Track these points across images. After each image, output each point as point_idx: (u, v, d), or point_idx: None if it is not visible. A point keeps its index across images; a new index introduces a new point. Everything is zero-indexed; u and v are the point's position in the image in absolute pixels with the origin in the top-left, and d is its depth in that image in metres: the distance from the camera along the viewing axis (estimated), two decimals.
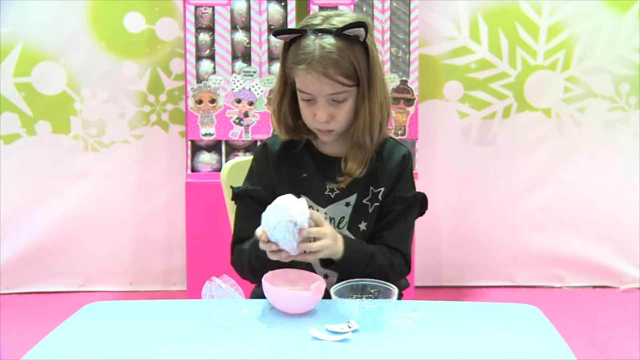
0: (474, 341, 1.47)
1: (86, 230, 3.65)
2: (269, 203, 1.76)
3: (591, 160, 3.68)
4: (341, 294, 1.57)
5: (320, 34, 1.69)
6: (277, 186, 1.81)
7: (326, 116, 1.72)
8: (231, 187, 1.87)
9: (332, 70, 1.67)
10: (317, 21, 1.73)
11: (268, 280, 1.62)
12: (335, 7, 3.28)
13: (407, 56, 3.32)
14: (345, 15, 1.75)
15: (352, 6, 3.28)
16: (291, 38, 1.73)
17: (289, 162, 1.83)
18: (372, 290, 1.60)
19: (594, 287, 3.76)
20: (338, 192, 1.80)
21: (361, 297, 1.59)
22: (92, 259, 3.68)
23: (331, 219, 1.80)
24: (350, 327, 1.49)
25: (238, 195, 1.85)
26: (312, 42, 1.69)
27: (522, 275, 3.76)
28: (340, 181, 1.79)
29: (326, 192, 1.81)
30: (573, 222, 3.72)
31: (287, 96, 1.79)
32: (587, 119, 3.66)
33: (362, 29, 1.68)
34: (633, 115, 3.65)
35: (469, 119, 3.65)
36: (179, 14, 3.46)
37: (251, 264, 1.73)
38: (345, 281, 1.62)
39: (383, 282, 1.60)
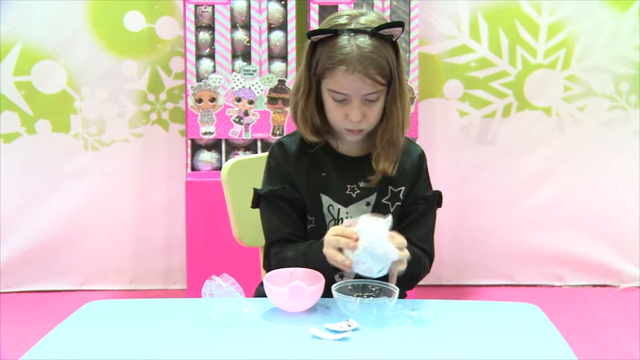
0: (474, 340, 1.47)
1: (86, 229, 3.65)
2: (297, 201, 1.78)
3: (591, 159, 3.68)
4: (342, 293, 1.57)
5: (353, 33, 1.69)
6: (297, 184, 1.81)
7: (360, 116, 1.72)
8: (255, 189, 1.84)
9: (372, 70, 1.68)
10: (343, 21, 1.73)
11: (269, 278, 1.62)
12: (335, 6, 3.28)
13: (407, 55, 3.32)
14: (369, 14, 1.75)
15: (352, 5, 3.28)
16: (319, 39, 1.72)
17: (307, 161, 1.82)
18: (373, 289, 1.60)
19: (594, 286, 3.76)
20: (359, 191, 1.81)
21: (362, 296, 1.58)
22: (92, 258, 3.68)
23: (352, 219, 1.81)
24: (350, 326, 1.49)
25: (264, 196, 1.82)
26: (348, 42, 1.68)
27: (522, 274, 3.76)
28: (371, 179, 1.79)
29: (347, 192, 1.81)
30: (573, 221, 3.72)
31: (313, 97, 1.77)
32: (587, 118, 3.66)
33: (399, 29, 1.70)
34: (633, 114, 3.65)
35: (469, 118, 3.65)
36: (179, 12, 3.46)
37: None
38: (346, 280, 1.62)
39: (384, 282, 1.60)
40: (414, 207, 1.84)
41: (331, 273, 1.70)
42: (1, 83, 3.50)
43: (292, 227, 1.80)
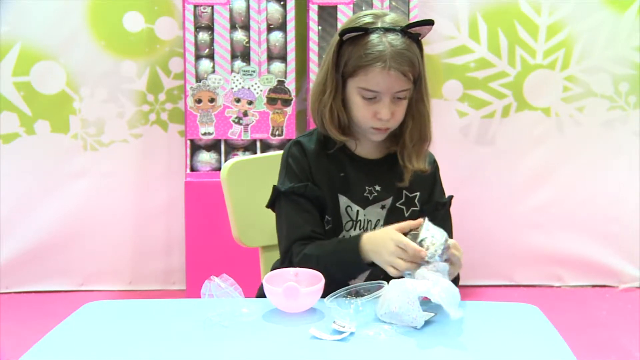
0: (474, 340, 1.47)
1: (85, 229, 3.65)
2: (319, 199, 1.77)
3: (590, 159, 3.68)
4: (338, 302, 1.55)
5: (383, 32, 1.70)
6: (317, 183, 1.80)
7: (389, 114, 1.73)
8: (274, 186, 1.82)
9: (406, 68, 1.70)
10: (369, 20, 1.74)
11: (269, 278, 1.62)
12: (334, 7, 3.28)
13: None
14: (391, 13, 1.77)
15: (352, 5, 3.28)
16: (348, 38, 1.72)
17: (326, 161, 1.81)
18: (364, 294, 1.59)
19: (593, 286, 3.76)
20: (375, 194, 1.81)
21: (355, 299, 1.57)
22: (91, 258, 3.68)
23: (368, 221, 1.81)
24: (349, 327, 1.48)
25: (284, 194, 1.80)
26: (380, 41, 1.69)
27: (521, 274, 3.76)
28: (404, 179, 1.80)
29: (365, 194, 1.81)
30: (572, 221, 3.72)
31: (340, 96, 1.77)
32: (586, 119, 3.66)
33: (429, 27, 1.72)
34: (632, 115, 3.65)
35: (468, 118, 3.66)
36: (178, 13, 3.46)
37: (326, 271, 1.65)
38: (340, 289, 1.59)
39: (377, 282, 1.58)
40: (434, 214, 1.84)
41: (357, 273, 1.71)
42: (0, 83, 3.50)
43: (314, 225, 1.78)
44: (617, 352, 3.05)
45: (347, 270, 1.69)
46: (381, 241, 1.63)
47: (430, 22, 1.73)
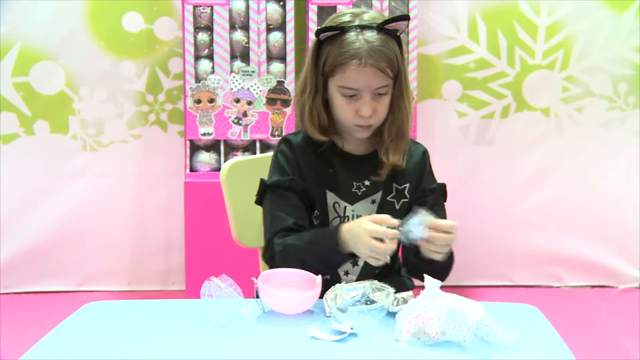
0: (473, 340, 1.47)
1: (85, 229, 3.65)
2: (305, 192, 1.78)
3: (589, 159, 3.68)
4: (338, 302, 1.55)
5: (360, 29, 1.71)
6: (305, 178, 1.81)
7: (371, 110, 1.73)
8: (261, 180, 1.83)
9: (383, 63, 1.70)
10: (347, 18, 1.75)
11: (263, 281, 1.62)
12: (334, 7, 3.29)
13: (406, 55, 3.31)
14: (370, 11, 1.79)
15: (351, 5, 3.28)
16: (326, 37, 1.73)
17: (315, 157, 1.82)
18: (369, 295, 1.59)
19: (593, 286, 3.76)
20: (364, 189, 1.82)
21: (361, 301, 1.57)
22: (90, 259, 3.67)
23: (358, 216, 1.81)
24: (348, 327, 1.48)
25: (270, 187, 1.81)
26: (357, 38, 1.71)
27: (520, 274, 3.76)
28: (381, 173, 1.80)
29: (353, 190, 1.82)
30: (571, 222, 3.72)
31: (320, 95, 1.78)
32: (586, 119, 3.66)
33: (404, 22, 1.73)
34: (631, 115, 3.65)
35: (468, 119, 3.66)
36: (178, 13, 3.46)
37: (305, 261, 1.68)
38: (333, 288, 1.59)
39: (380, 285, 1.58)
40: (422, 200, 1.85)
41: (338, 263, 1.70)
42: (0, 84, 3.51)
43: (297, 218, 1.79)
44: (616, 353, 3.05)
45: (326, 261, 1.69)
46: (356, 233, 1.62)
47: (405, 18, 1.74)
